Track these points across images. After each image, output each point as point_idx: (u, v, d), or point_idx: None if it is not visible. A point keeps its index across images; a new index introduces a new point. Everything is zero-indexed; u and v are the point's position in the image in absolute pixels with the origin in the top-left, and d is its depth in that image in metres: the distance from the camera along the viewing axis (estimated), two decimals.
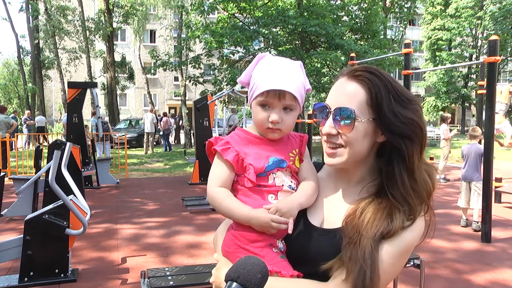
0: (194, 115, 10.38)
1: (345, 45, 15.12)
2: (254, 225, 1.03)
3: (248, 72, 1.13)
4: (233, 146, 1.09)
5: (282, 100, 1.06)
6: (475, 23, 32.47)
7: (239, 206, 1.05)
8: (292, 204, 1.04)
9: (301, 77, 1.10)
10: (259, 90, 1.06)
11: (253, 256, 0.85)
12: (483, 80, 8.55)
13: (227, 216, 1.09)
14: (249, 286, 0.79)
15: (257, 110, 1.09)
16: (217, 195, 1.08)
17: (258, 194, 1.07)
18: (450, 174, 11.23)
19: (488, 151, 5.40)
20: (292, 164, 1.11)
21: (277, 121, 1.06)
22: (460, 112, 37.26)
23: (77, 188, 4.25)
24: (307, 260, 1.04)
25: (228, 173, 1.09)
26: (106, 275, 4.29)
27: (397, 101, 0.99)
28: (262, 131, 1.11)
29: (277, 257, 1.04)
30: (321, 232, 1.06)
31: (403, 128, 0.98)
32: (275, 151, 1.10)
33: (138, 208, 7.43)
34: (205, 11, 16.99)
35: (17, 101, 40.54)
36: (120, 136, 13.87)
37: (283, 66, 1.08)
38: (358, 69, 1.04)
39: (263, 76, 1.07)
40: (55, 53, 21.99)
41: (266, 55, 1.13)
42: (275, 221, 1.01)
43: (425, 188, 1.00)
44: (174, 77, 36.29)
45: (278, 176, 1.08)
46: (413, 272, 3.66)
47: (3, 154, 10.14)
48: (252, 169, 1.06)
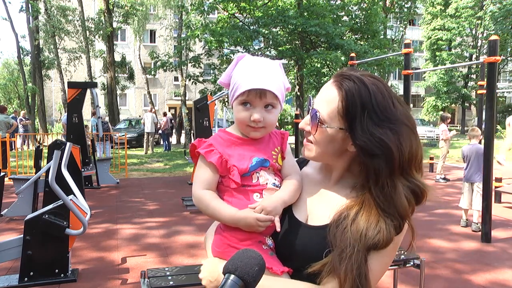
0: (194, 115, 10.37)
1: (345, 45, 15.11)
2: (242, 226, 1.05)
3: (228, 72, 1.15)
4: (216, 148, 1.10)
5: (263, 99, 1.08)
6: (475, 23, 32.47)
7: (225, 209, 1.07)
8: (277, 203, 1.06)
9: (280, 76, 1.12)
10: (240, 89, 1.07)
11: (250, 249, 0.87)
12: (483, 80, 8.57)
13: (214, 218, 1.10)
14: (246, 278, 0.81)
15: (238, 110, 1.10)
16: (203, 197, 1.09)
17: (243, 194, 1.09)
18: (450, 174, 11.23)
19: (488, 151, 5.39)
20: (275, 162, 1.13)
21: (259, 120, 1.08)
22: (460, 112, 37.25)
23: (77, 188, 4.25)
24: (295, 256, 1.06)
25: (212, 175, 1.10)
26: (106, 275, 4.29)
27: (371, 118, 0.96)
28: (244, 131, 1.12)
29: (267, 254, 1.05)
30: (308, 228, 1.08)
31: (371, 146, 0.95)
32: (258, 150, 1.12)
33: (138, 208, 7.43)
34: (205, 11, 16.98)
35: (17, 101, 40.53)
36: (120, 136, 13.87)
37: (262, 65, 1.10)
38: (345, 75, 1.02)
39: (243, 76, 1.08)
40: (55, 53, 21.97)
41: (245, 56, 1.14)
42: (261, 220, 1.03)
43: (401, 205, 0.96)
44: (174, 77, 36.28)
45: (261, 175, 1.10)
46: (413, 272, 3.66)
47: (3, 154, 10.13)
48: (236, 170, 1.07)
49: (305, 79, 16.76)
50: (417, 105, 40.70)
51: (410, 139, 0.97)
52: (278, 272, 1.02)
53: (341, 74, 1.03)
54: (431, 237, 5.63)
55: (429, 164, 12.12)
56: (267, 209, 1.04)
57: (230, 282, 0.80)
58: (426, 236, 5.64)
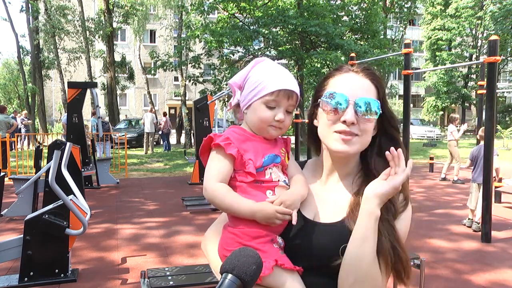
0: (194, 115, 10.38)
1: (345, 45, 15.13)
2: (259, 218, 1.04)
3: (244, 74, 1.15)
4: (233, 142, 1.10)
5: (290, 100, 1.11)
6: (475, 23, 32.47)
7: (242, 200, 1.06)
8: (296, 197, 1.08)
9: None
10: (269, 89, 1.09)
11: (247, 248, 0.87)
12: (483, 80, 8.56)
13: (230, 211, 1.08)
14: (244, 277, 0.81)
15: (262, 109, 1.10)
16: (219, 190, 1.07)
17: (257, 189, 1.09)
18: (450, 174, 11.22)
19: (488, 151, 5.40)
20: (284, 159, 1.15)
21: (283, 120, 1.11)
22: (460, 112, 37.22)
23: (77, 188, 4.25)
24: (308, 254, 1.06)
25: (228, 168, 1.09)
26: (106, 275, 4.29)
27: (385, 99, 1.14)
28: (262, 130, 1.13)
29: (279, 252, 1.05)
30: (319, 225, 1.09)
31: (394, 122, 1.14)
32: (270, 147, 1.14)
33: (138, 208, 7.43)
34: (205, 11, 16.99)
35: (17, 101, 40.55)
36: (120, 136, 13.87)
37: (284, 69, 1.14)
38: (366, 67, 1.14)
39: (270, 76, 1.10)
40: (55, 53, 21.97)
41: (265, 59, 1.16)
42: (280, 212, 1.03)
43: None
44: (174, 77, 36.29)
45: (274, 171, 1.11)
46: (413, 272, 3.66)
47: (3, 154, 10.14)
48: (252, 163, 1.08)
49: (305, 79, 16.77)
50: (417, 105, 40.71)
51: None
52: (291, 267, 1.03)
53: (360, 67, 1.14)
54: (431, 237, 5.63)
55: (429, 164, 12.11)
56: (286, 202, 1.05)
57: (228, 282, 0.80)
58: (426, 236, 5.64)
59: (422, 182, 10.12)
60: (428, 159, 12.35)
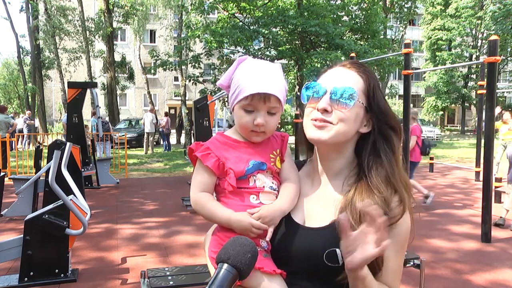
0: (194, 115, 10.37)
1: (345, 45, 15.11)
2: (235, 228, 1.05)
3: (229, 75, 1.14)
4: (213, 152, 1.10)
5: (267, 103, 1.07)
6: (475, 23, 32.47)
7: (220, 210, 1.08)
8: (276, 213, 1.06)
9: (282, 79, 1.12)
10: (244, 93, 1.07)
11: (241, 237, 0.87)
12: (483, 80, 8.56)
13: (209, 219, 1.11)
14: (239, 266, 0.81)
15: (241, 114, 1.09)
16: (199, 199, 1.10)
17: (239, 195, 1.09)
18: (450, 174, 11.22)
19: (488, 151, 5.39)
20: (273, 165, 1.12)
21: (262, 124, 1.08)
22: (460, 112, 37.25)
23: (77, 188, 4.25)
24: (293, 258, 1.05)
25: (209, 178, 1.11)
26: (106, 275, 4.29)
27: (382, 97, 1.10)
28: (245, 134, 1.12)
29: (261, 256, 1.04)
30: (306, 230, 1.08)
31: (390, 120, 1.08)
32: (255, 153, 1.11)
33: (138, 208, 7.43)
34: (205, 11, 16.98)
35: (17, 101, 40.55)
36: (120, 136, 13.87)
37: (265, 68, 1.09)
38: (355, 62, 1.13)
39: (246, 79, 1.07)
40: (55, 53, 21.98)
41: (246, 58, 1.13)
42: (255, 227, 1.03)
43: (405, 180, 1.07)
44: (174, 77, 36.29)
45: (258, 178, 1.10)
46: (413, 272, 3.66)
47: (3, 154, 10.14)
48: (233, 173, 1.07)
49: (305, 79, 16.74)
50: (417, 105, 40.69)
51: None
52: (269, 272, 1.02)
53: (349, 61, 1.13)
54: (431, 237, 5.63)
55: (429, 164, 12.11)
56: (265, 219, 1.04)
57: (224, 272, 0.80)
58: (426, 236, 5.64)
59: (422, 182, 10.10)
60: (428, 159, 12.33)
